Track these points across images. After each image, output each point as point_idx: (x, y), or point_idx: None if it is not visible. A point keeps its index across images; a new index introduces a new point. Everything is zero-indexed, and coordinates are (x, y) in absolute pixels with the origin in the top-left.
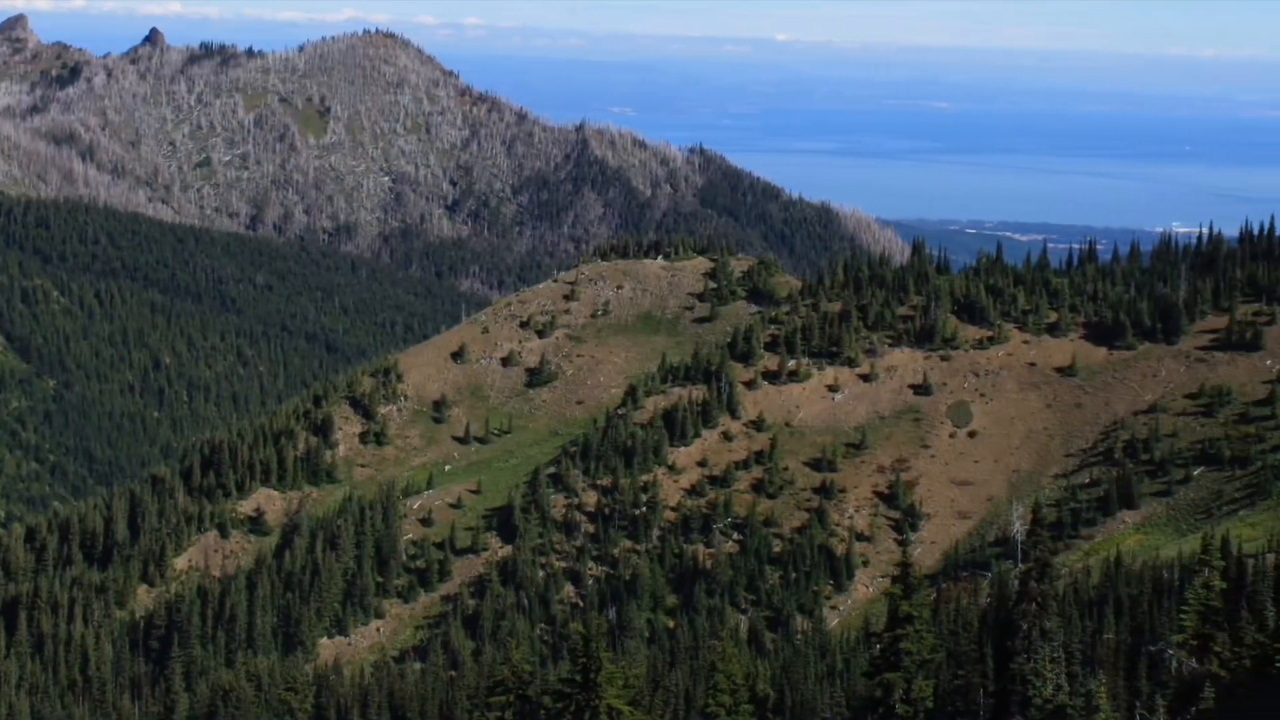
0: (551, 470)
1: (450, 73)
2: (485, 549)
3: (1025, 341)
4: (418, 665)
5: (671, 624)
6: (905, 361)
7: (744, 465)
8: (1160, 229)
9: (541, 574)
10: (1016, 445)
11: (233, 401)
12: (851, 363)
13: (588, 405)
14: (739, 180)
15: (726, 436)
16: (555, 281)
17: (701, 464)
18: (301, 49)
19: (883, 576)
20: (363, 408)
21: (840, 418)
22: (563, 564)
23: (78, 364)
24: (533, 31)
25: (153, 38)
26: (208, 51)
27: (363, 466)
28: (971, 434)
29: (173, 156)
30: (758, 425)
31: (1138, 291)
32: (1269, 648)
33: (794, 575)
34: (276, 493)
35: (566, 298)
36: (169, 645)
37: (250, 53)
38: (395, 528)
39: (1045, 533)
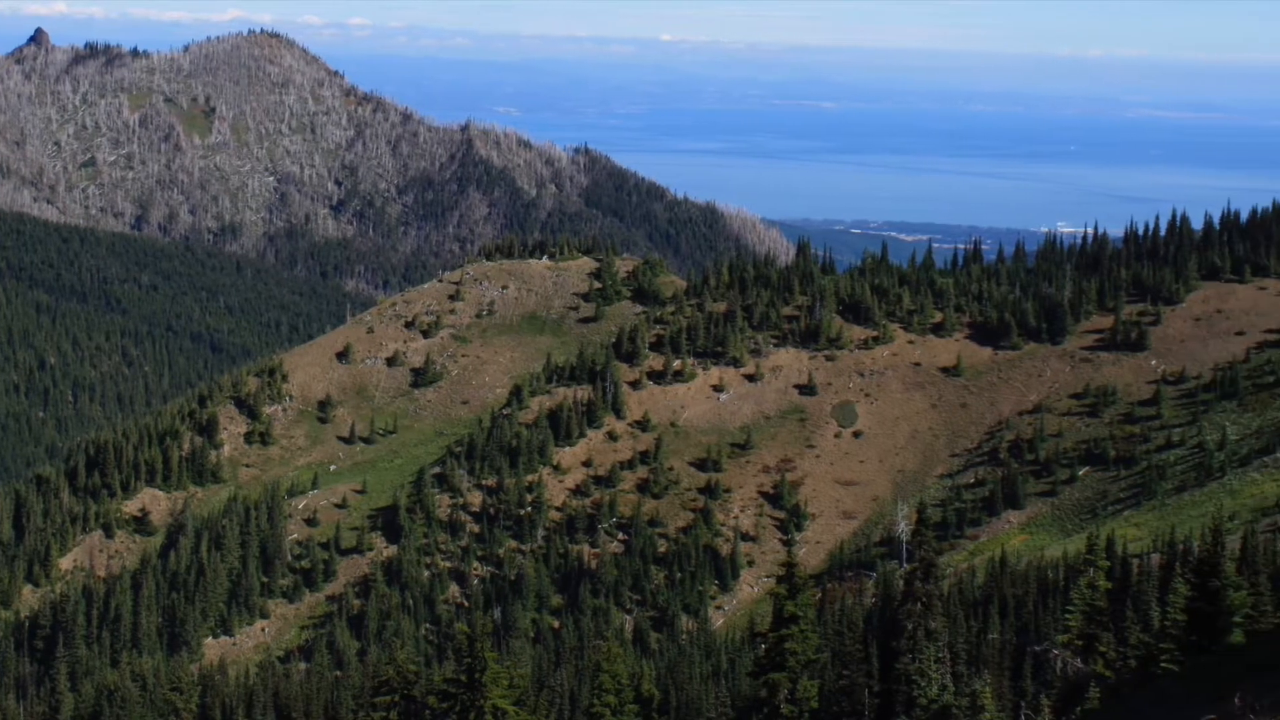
0: (436, 470)
1: (335, 73)
2: (370, 549)
3: (910, 341)
4: (303, 665)
5: (556, 624)
6: (790, 361)
7: (629, 465)
8: (1045, 229)
9: (426, 574)
10: (901, 445)
11: (118, 401)
12: (736, 363)
13: (473, 405)
14: (624, 180)
15: (611, 436)
16: (440, 281)
17: (586, 464)
18: (186, 49)
19: (768, 576)
20: (247, 408)
21: (725, 418)
22: (448, 564)
23: None
24: (419, 31)
25: (37, 38)
26: (93, 51)
27: (248, 466)
28: (856, 434)
29: (57, 156)
30: (643, 425)
31: (1023, 291)
32: (1153, 648)
33: (679, 575)
34: (161, 493)
35: (451, 298)
36: (54, 645)
37: (135, 53)
38: (280, 528)
39: (930, 533)
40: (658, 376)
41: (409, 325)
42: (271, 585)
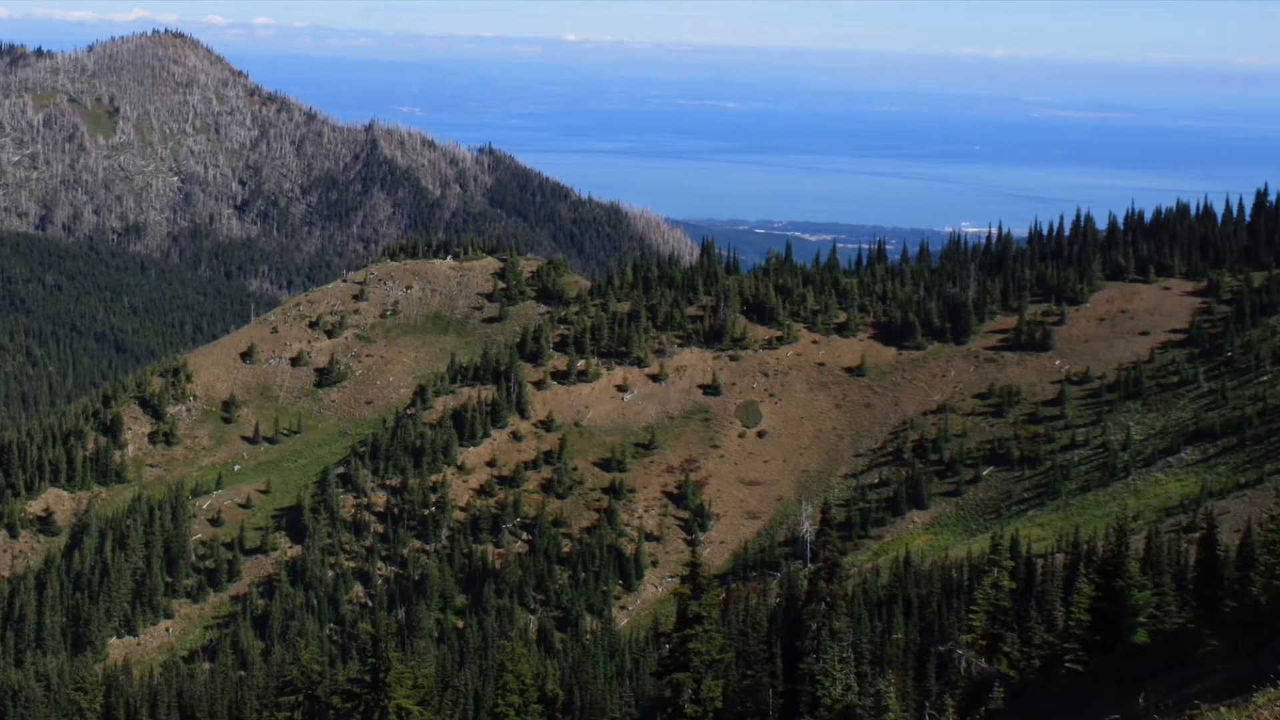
0: (340, 470)
1: (239, 73)
2: (274, 549)
3: (814, 341)
4: (207, 665)
5: (460, 624)
6: (694, 361)
7: (533, 465)
8: (949, 229)
9: (330, 574)
10: (806, 445)
11: (22, 401)
12: (640, 363)
13: (377, 405)
14: (528, 180)
15: (516, 436)
16: (344, 281)
17: (491, 464)
18: (91, 49)
19: (672, 576)
20: (152, 408)
21: (629, 418)
22: (352, 564)
23: None
24: (323, 31)
25: None
26: None
27: (152, 466)
28: (761, 434)
29: None
30: (547, 425)
31: (927, 291)
32: (1057, 647)
33: (583, 575)
34: (65, 492)
35: (355, 298)
36: None
37: (40, 53)
38: (184, 528)
39: (834, 533)
40: (562, 376)
41: (313, 325)
42: (176, 585)
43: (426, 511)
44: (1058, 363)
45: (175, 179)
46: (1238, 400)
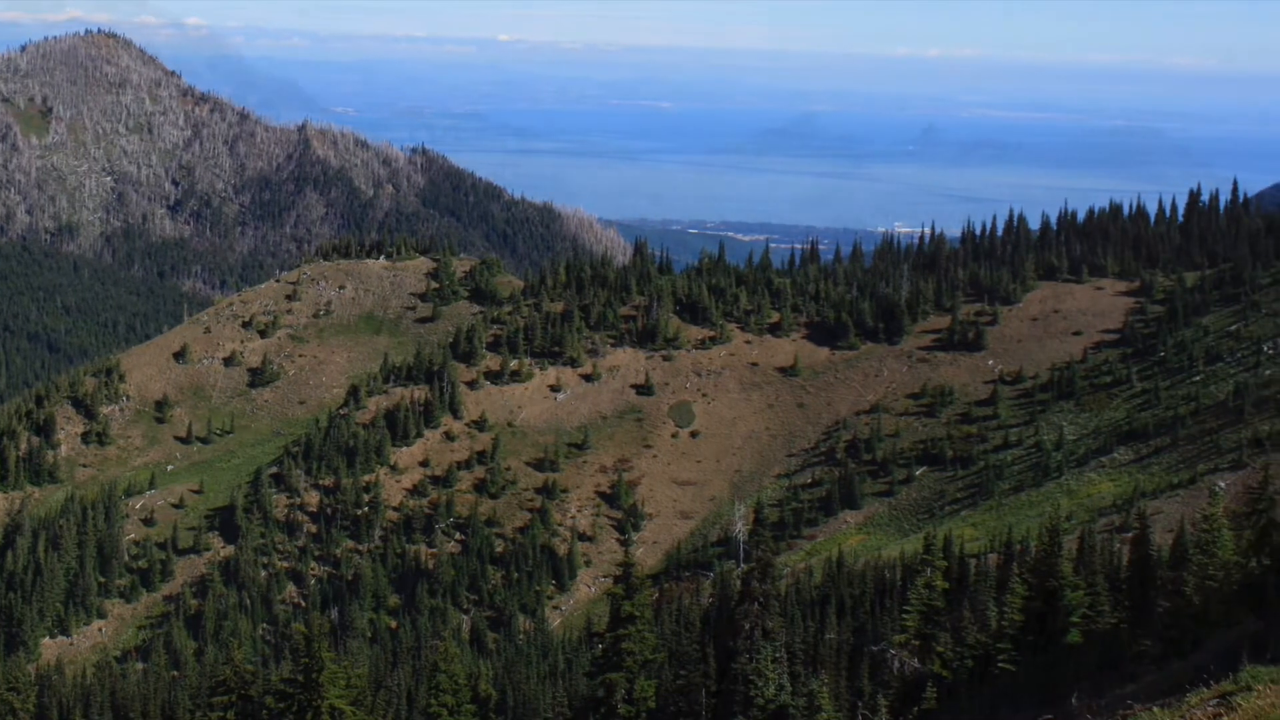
0: (273, 470)
1: (172, 73)
2: (207, 549)
3: (747, 341)
4: (140, 665)
5: (394, 624)
6: (627, 361)
7: (466, 465)
8: (882, 229)
9: (263, 574)
10: (738, 445)
11: None
12: (573, 362)
13: (310, 405)
14: (461, 180)
15: (449, 436)
16: (277, 281)
17: (424, 464)
18: (23, 49)
19: (605, 576)
20: (85, 408)
21: (562, 417)
22: (285, 564)
23: None
24: (256, 32)
25: None
26: None
27: (85, 466)
28: (694, 434)
29: None
30: (480, 425)
31: (860, 291)
32: (990, 647)
33: (516, 575)
34: None
35: (289, 298)
36: None
37: None
38: (117, 528)
39: (767, 532)
40: (495, 376)
41: (246, 325)
42: (109, 585)
43: (359, 511)
44: (991, 363)
45: (108, 179)
46: (1170, 400)
